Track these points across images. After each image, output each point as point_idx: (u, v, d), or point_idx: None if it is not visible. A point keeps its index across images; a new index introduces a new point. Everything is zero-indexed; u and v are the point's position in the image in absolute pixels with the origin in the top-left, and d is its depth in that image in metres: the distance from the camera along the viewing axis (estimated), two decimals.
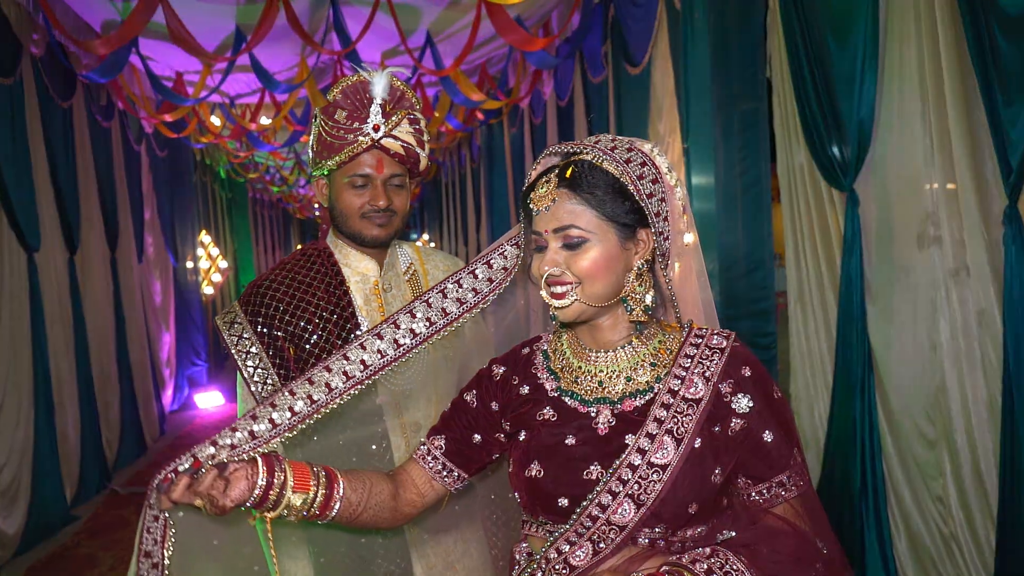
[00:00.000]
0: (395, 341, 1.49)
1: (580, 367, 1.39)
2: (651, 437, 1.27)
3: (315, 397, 1.43)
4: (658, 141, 4.91)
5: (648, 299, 1.32)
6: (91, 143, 6.45)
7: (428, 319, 1.51)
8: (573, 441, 1.32)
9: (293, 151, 10.90)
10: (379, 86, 1.76)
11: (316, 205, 17.08)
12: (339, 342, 1.73)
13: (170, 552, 1.35)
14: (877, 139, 3.15)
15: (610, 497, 1.26)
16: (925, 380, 3.08)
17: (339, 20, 5.29)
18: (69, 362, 5.81)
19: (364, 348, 1.48)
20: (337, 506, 1.35)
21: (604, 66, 5.72)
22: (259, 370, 1.72)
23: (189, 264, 9.91)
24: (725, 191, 4.18)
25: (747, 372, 1.32)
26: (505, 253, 1.54)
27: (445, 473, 1.47)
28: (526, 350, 1.49)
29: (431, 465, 1.48)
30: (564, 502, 1.29)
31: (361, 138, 1.75)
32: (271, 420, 1.40)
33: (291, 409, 1.42)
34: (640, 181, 1.29)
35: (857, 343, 3.27)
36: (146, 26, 4.85)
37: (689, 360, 1.33)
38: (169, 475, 1.31)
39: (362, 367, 1.47)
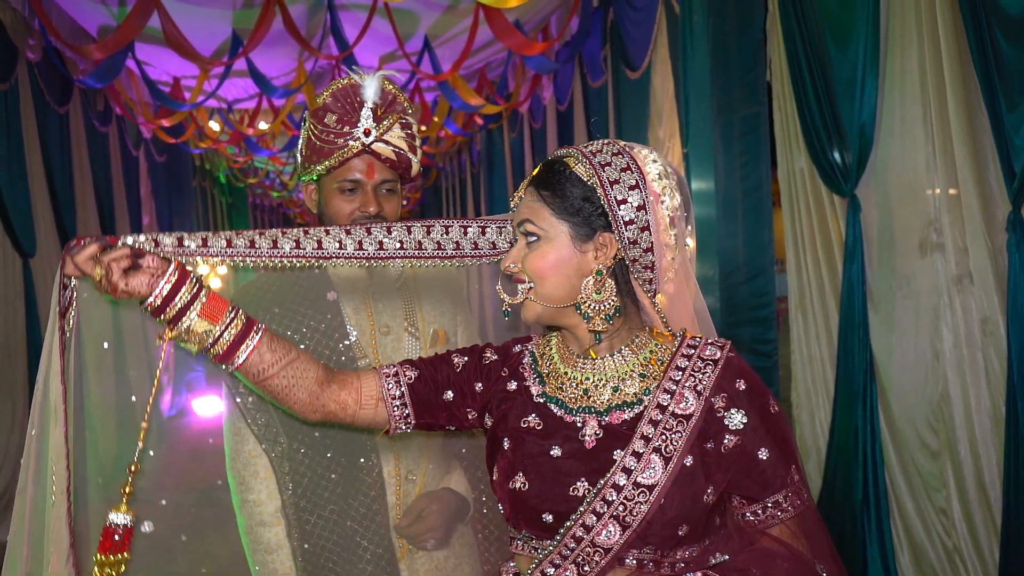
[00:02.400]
0: (359, 243, 1.44)
1: (566, 373, 1.33)
2: (637, 456, 1.22)
3: (257, 243, 1.38)
4: (658, 146, 4.88)
5: (605, 307, 1.26)
6: (88, 148, 6.43)
7: (401, 242, 1.46)
8: (559, 453, 1.27)
9: (292, 156, 10.89)
10: (370, 89, 1.72)
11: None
12: (327, 352, 1.68)
13: (70, 325, 1.33)
14: (878, 144, 3.11)
15: (594, 518, 1.21)
16: (927, 389, 3.04)
17: (336, 25, 5.27)
18: None
19: (327, 233, 1.43)
20: (245, 355, 1.31)
21: (604, 70, 5.70)
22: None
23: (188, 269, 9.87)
24: (725, 196, 4.15)
25: (741, 385, 1.25)
26: (503, 231, 1.49)
27: (398, 404, 1.39)
28: (517, 347, 1.44)
29: (390, 388, 1.39)
30: (549, 518, 1.24)
31: (351, 142, 1.70)
32: (204, 240, 1.35)
33: (229, 242, 1.37)
34: (613, 186, 1.24)
35: (859, 351, 3.23)
36: (142, 31, 4.82)
37: (680, 373, 1.27)
38: (82, 240, 1.28)
39: (316, 246, 1.41)
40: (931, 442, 3.05)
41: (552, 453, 1.27)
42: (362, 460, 1.69)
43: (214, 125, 8.51)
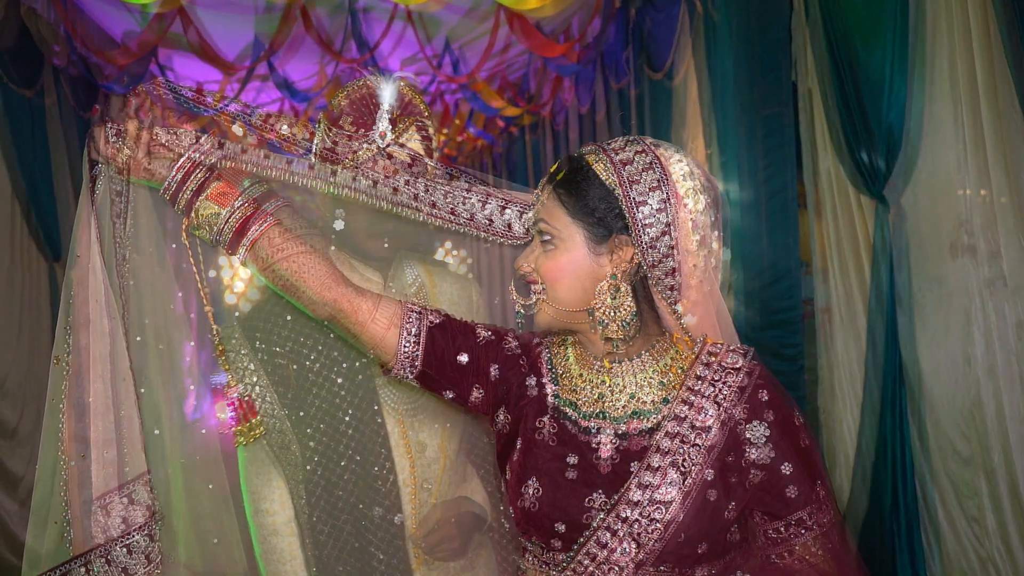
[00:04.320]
0: (356, 176, 1.43)
1: (581, 375, 1.29)
2: (654, 470, 1.17)
3: (268, 157, 1.44)
4: (681, 148, 4.82)
5: (620, 313, 1.20)
6: None
7: (395, 187, 1.42)
8: (575, 461, 1.22)
9: None
10: (386, 92, 1.69)
11: None
12: (339, 358, 1.66)
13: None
14: (908, 144, 3.04)
15: (609, 535, 1.16)
16: (959, 395, 2.96)
17: (357, 28, 5.27)
18: None
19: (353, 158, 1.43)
20: (253, 236, 1.33)
21: (626, 72, 5.64)
22: (257, 388, 1.66)
23: (212, 273, 9.95)
24: (750, 198, 4.08)
25: (764, 396, 1.20)
26: (524, 216, 1.41)
27: (411, 340, 1.32)
28: (536, 341, 1.39)
29: (410, 323, 1.32)
30: (561, 528, 1.20)
31: (367, 146, 1.68)
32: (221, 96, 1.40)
33: (245, 106, 1.40)
34: (632, 185, 1.18)
35: (888, 356, 3.15)
36: (165, 36, 4.85)
37: (700, 382, 1.21)
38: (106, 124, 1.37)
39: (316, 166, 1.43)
40: (963, 449, 2.97)
41: (568, 460, 1.22)
42: (376, 469, 1.66)
43: (237, 130, 8.57)
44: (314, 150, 1.77)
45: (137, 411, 1.38)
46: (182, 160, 1.35)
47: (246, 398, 1.43)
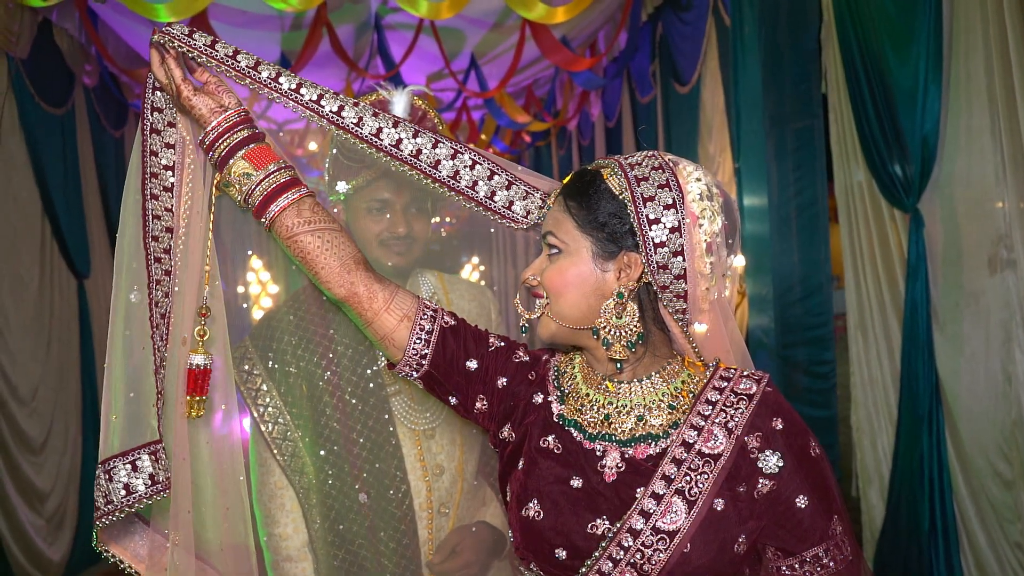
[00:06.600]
0: (378, 130, 1.35)
1: (588, 394, 1.23)
2: (657, 498, 1.11)
3: (309, 94, 1.37)
4: (708, 162, 4.77)
5: (626, 333, 1.15)
6: None
7: (419, 149, 1.35)
8: (579, 484, 1.17)
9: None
10: (399, 106, 1.66)
11: None
12: (354, 379, 1.62)
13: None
14: (943, 155, 2.96)
15: (611, 565, 1.10)
16: (999, 414, 2.85)
17: (383, 44, 5.28)
18: None
19: (356, 105, 1.37)
20: (279, 206, 1.29)
21: (652, 85, 5.60)
22: (270, 409, 1.62)
23: (240, 289, 10.02)
24: (779, 212, 4.01)
25: (778, 424, 1.14)
26: (530, 196, 1.35)
27: (422, 338, 1.27)
28: (545, 356, 1.35)
29: (423, 320, 1.29)
30: (562, 554, 1.14)
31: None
32: (258, 64, 1.36)
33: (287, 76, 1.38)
34: (646, 203, 1.13)
35: (923, 373, 3.06)
36: None
37: (710, 407, 1.16)
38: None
39: (336, 111, 1.36)
40: (1004, 471, 2.86)
41: (573, 484, 1.17)
42: (392, 492, 1.62)
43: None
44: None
45: (154, 380, 1.33)
46: (229, 112, 1.31)
47: (201, 368, 1.36)
